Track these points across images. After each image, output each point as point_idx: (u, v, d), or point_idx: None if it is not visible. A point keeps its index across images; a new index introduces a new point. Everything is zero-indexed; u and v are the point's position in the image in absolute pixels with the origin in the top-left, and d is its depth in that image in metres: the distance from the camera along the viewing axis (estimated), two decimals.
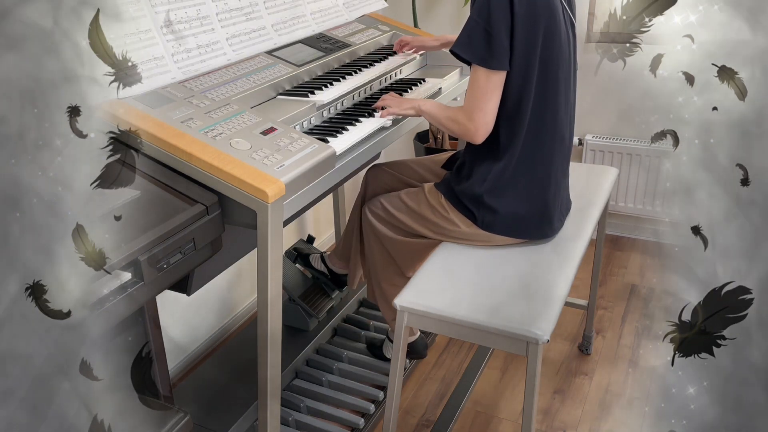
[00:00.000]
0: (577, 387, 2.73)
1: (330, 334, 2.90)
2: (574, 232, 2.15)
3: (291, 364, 2.64)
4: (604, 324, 3.12)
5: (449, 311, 1.83)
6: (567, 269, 1.98)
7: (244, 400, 2.41)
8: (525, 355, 1.77)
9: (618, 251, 3.73)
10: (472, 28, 1.89)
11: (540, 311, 1.80)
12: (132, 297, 1.43)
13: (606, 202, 2.46)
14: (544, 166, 2.04)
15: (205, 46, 2.02)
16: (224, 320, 3.08)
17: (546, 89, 1.96)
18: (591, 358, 2.90)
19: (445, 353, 2.94)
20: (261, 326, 1.71)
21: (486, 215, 2.03)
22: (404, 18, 3.54)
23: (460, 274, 1.99)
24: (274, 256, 1.65)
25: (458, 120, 1.97)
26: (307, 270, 2.80)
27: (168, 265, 1.51)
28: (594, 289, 2.84)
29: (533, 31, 1.88)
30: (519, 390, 2.71)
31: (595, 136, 3.71)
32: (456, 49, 1.93)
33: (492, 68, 1.88)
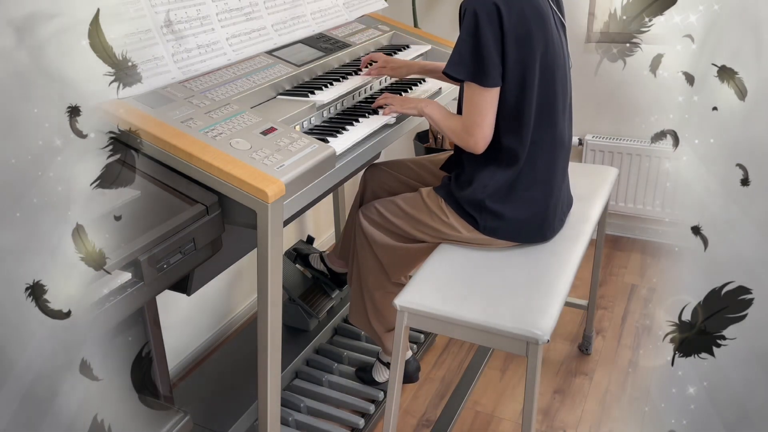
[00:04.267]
0: (578, 387, 2.73)
1: (330, 334, 2.91)
2: (574, 232, 2.15)
3: (291, 364, 2.64)
4: (604, 324, 3.12)
5: (449, 311, 1.83)
6: (567, 269, 1.98)
7: (244, 400, 2.42)
8: (525, 355, 1.77)
9: (618, 251, 3.73)
10: (461, 46, 1.89)
11: (540, 311, 1.80)
12: (132, 297, 1.43)
13: (606, 202, 2.46)
14: (546, 170, 2.04)
15: (205, 46, 2.02)
16: (224, 320, 3.08)
17: (545, 96, 1.96)
18: (591, 358, 2.90)
19: (445, 353, 2.94)
20: (261, 326, 1.71)
21: (488, 221, 2.03)
22: (404, 18, 3.54)
23: (460, 274, 1.99)
24: (274, 256, 1.65)
25: (458, 133, 1.98)
26: (307, 270, 2.80)
27: (168, 265, 1.51)
28: (594, 289, 2.84)
29: (528, 45, 1.87)
30: (519, 390, 2.71)
31: (596, 136, 3.71)
32: (448, 69, 1.93)
33: (485, 86, 1.88)
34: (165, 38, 1.88)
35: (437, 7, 3.87)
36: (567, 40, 2.07)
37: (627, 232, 3.85)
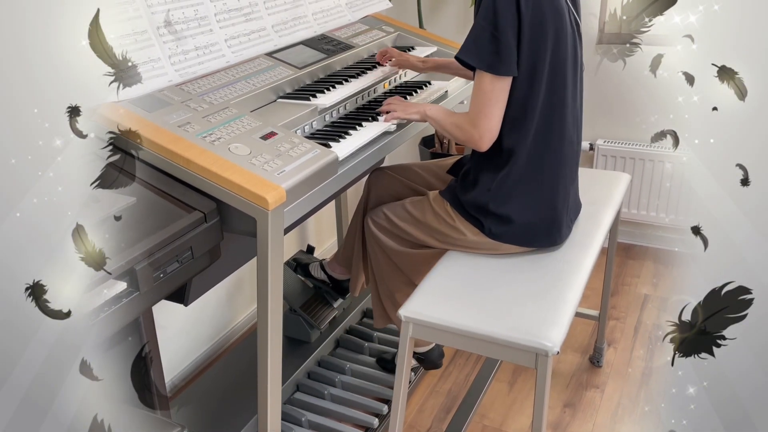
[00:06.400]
0: (588, 400, 2.72)
1: (332, 345, 2.90)
2: (585, 240, 2.15)
3: (292, 377, 2.64)
4: (616, 335, 3.11)
5: (455, 322, 1.83)
6: (577, 278, 1.98)
7: (243, 414, 2.41)
8: (534, 367, 1.77)
9: (630, 260, 3.73)
10: (477, 32, 1.88)
11: (549, 322, 1.80)
12: (127, 307, 1.43)
13: (618, 209, 2.46)
14: (552, 172, 2.03)
15: (203, 47, 2.02)
16: (223, 331, 3.08)
17: (553, 93, 1.96)
18: (602, 370, 2.89)
19: (451, 365, 2.94)
20: (261, 337, 1.71)
21: (493, 224, 2.03)
22: (409, 19, 3.55)
23: (466, 283, 1.99)
24: (274, 265, 1.65)
25: (462, 126, 1.97)
26: (308, 280, 2.80)
27: (165, 274, 1.51)
28: (605, 299, 2.84)
29: (541, 34, 1.87)
30: (528, 404, 2.71)
31: (607, 140, 3.71)
32: (461, 55, 1.92)
33: (499, 74, 1.87)
34: (161, 39, 1.89)
35: (443, 7, 3.87)
36: (581, 40, 2.07)
37: (640, 240, 3.84)
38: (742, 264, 1.25)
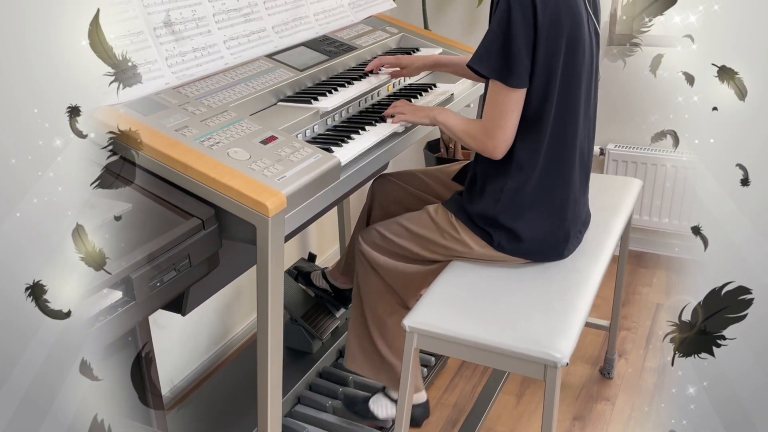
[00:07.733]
0: (599, 413, 2.71)
1: (334, 356, 2.89)
2: (596, 248, 2.14)
3: (293, 389, 2.63)
4: (628, 346, 3.10)
5: (462, 332, 1.82)
6: (587, 287, 1.97)
7: (242, 427, 2.41)
8: (543, 379, 1.76)
9: (642, 268, 3.72)
10: (490, 41, 1.86)
11: (559, 332, 1.79)
12: (123, 317, 1.43)
13: (629, 216, 2.45)
14: (564, 183, 2.02)
15: (201, 49, 2.02)
16: (222, 342, 3.08)
17: (567, 103, 1.94)
18: (613, 382, 2.88)
19: (457, 377, 2.93)
20: (261, 348, 1.70)
21: (503, 237, 2.01)
22: (414, 19, 3.55)
23: (473, 292, 1.98)
24: (274, 274, 1.64)
25: (476, 136, 1.96)
26: (309, 289, 2.80)
27: (162, 283, 1.51)
28: (616, 309, 2.83)
29: (556, 43, 1.85)
30: (536, 416, 2.70)
31: (618, 145, 3.70)
32: (473, 63, 1.90)
33: (511, 86, 1.86)
34: (158, 41, 1.88)
35: (448, 7, 3.87)
36: (599, 48, 2.06)
37: (652, 248, 3.82)
38: (742, 264, 1.28)
